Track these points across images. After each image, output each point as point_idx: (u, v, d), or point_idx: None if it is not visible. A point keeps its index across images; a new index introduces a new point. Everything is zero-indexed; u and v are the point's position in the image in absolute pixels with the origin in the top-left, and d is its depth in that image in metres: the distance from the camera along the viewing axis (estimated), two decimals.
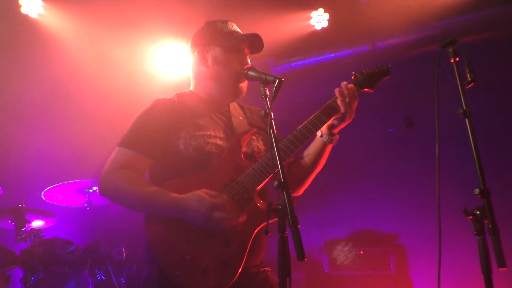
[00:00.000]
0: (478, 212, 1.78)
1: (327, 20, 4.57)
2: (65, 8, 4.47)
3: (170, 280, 1.95)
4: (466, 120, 1.90)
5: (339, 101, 2.09)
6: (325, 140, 2.18)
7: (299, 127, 2.11)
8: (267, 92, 1.90)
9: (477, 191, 1.78)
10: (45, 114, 4.80)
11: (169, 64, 4.98)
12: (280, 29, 4.41)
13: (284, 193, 1.65)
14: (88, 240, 3.90)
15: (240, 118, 2.28)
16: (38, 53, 4.53)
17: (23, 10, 4.38)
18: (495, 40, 4.16)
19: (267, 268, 2.17)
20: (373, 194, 5.67)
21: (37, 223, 3.98)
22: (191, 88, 2.35)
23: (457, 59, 1.99)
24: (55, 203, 4.09)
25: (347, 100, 2.09)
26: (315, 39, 4.66)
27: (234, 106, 2.33)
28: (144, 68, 5.05)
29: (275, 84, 1.87)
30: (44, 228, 3.87)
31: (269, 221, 2.00)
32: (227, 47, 2.20)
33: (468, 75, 1.92)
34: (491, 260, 1.72)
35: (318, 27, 4.62)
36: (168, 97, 2.27)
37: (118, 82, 4.87)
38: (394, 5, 4.24)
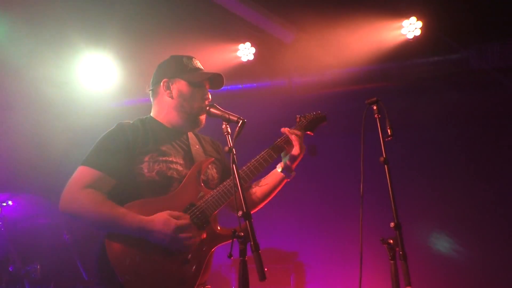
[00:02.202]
0: (391, 241, 2.24)
1: (253, 54, 4.96)
2: None
3: None
4: (386, 166, 2.37)
5: (293, 138, 2.43)
6: (285, 176, 2.50)
7: (252, 160, 2.40)
8: (229, 129, 2.17)
9: (392, 224, 2.25)
10: None
11: (90, 74, 4.99)
12: (209, 59, 4.68)
13: (247, 222, 1.92)
14: None
15: (197, 146, 2.48)
16: None
17: None
18: (392, 89, 4.95)
19: (208, 286, 2.39)
20: (276, 214, 6.13)
21: None
22: (152, 114, 2.48)
23: (380, 115, 2.47)
24: None
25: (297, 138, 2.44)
26: (240, 70, 5.02)
27: (191, 135, 2.52)
28: (63, 77, 4.93)
29: (239, 125, 2.14)
30: None
31: (220, 245, 2.28)
32: (192, 82, 2.39)
33: (389, 130, 2.40)
34: (400, 280, 2.18)
35: (244, 59, 5.00)
36: (131, 122, 2.38)
37: (36, 91, 4.68)
38: (312, 49, 4.80)
